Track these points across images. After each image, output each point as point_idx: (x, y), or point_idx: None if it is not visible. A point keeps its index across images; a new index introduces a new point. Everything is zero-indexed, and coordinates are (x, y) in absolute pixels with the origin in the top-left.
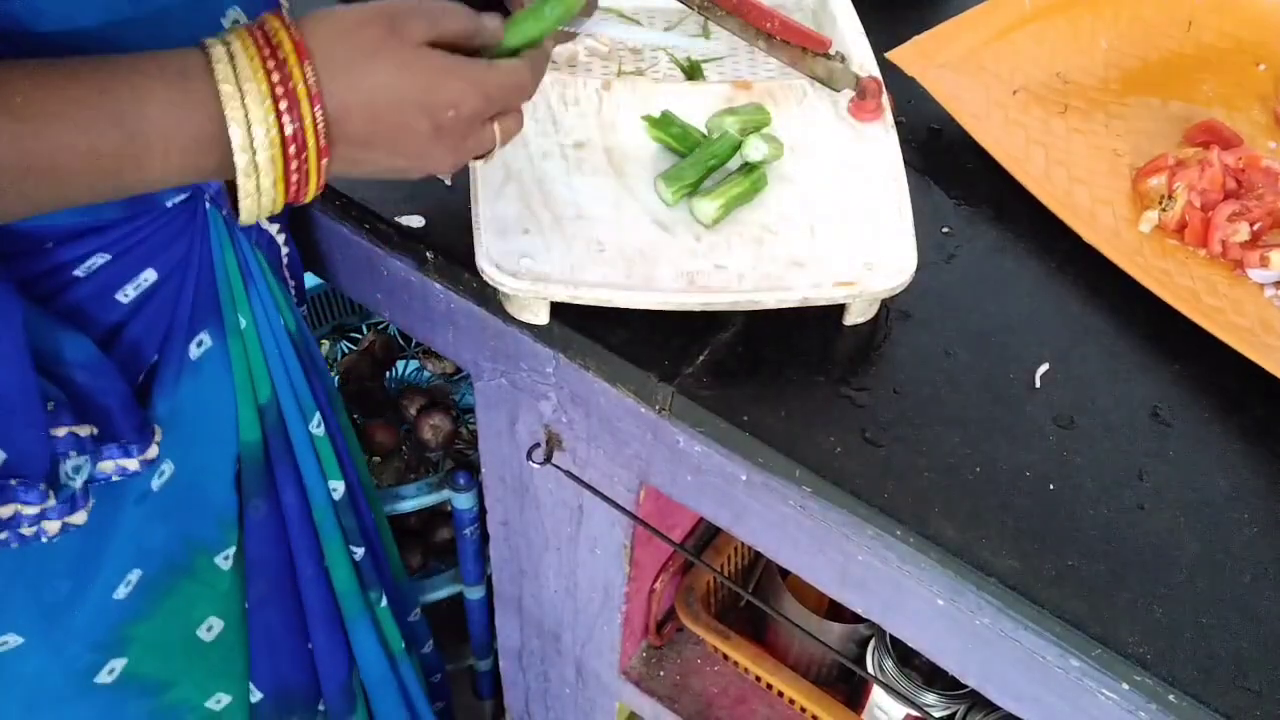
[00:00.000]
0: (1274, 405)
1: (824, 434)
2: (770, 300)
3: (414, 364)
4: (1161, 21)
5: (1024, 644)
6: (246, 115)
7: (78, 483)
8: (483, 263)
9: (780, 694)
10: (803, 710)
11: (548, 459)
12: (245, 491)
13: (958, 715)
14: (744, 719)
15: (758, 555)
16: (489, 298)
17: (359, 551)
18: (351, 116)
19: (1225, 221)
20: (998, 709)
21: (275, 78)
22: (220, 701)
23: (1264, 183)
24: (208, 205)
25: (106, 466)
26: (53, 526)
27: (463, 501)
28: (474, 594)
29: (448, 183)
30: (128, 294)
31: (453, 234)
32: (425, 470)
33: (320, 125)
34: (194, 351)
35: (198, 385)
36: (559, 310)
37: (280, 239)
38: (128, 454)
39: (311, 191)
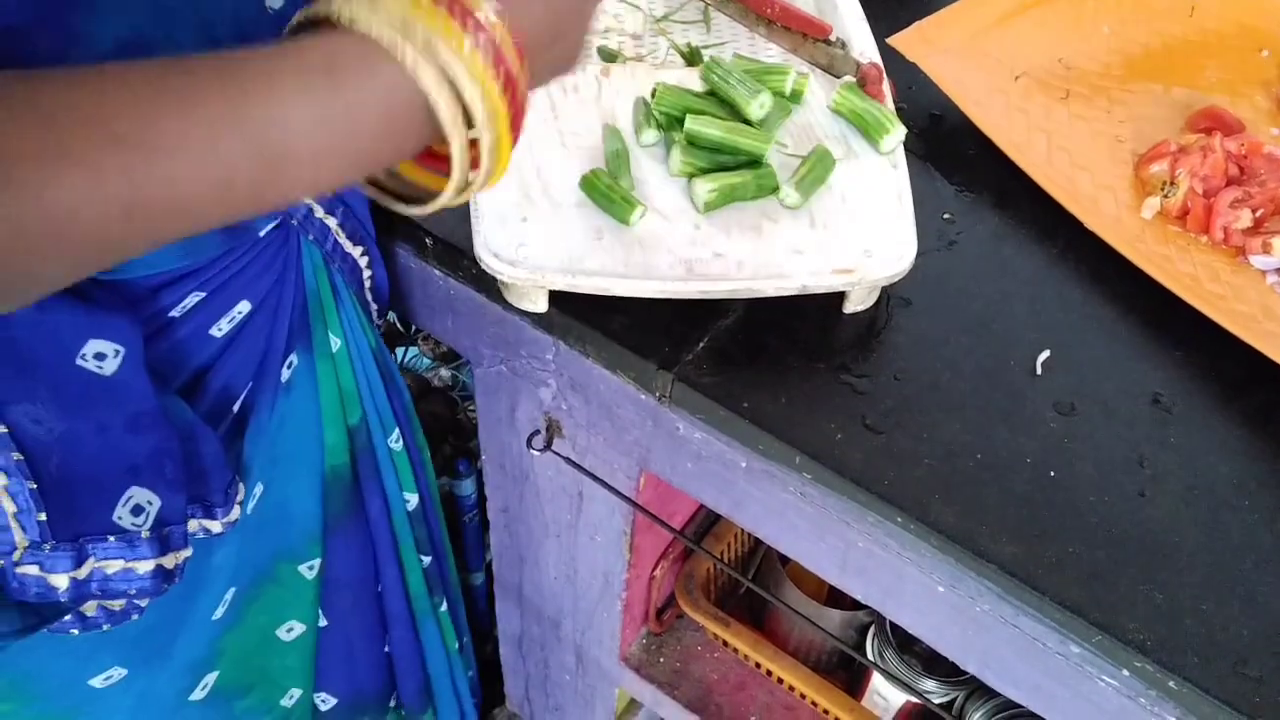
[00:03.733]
0: (1275, 392)
1: (824, 421)
2: (769, 288)
3: (414, 350)
4: (1164, 7)
5: (1024, 630)
6: (453, 85)
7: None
8: (481, 251)
9: (780, 681)
10: (802, 697)
11: (547, 446)
12: (331, 511)
13: (957, 702)
14: (744, 705)
15: (757, 542)
16: (488, 285)
17: (427, 560)
18: (539, 26)
19: (1227, 208)
20: (997, 695)
21: (467, 28)
22: (292, 698)
23: (1266, 169)
24: (297, 229)
25: (190, 525)
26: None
27: (462, 488)
28: (473, 581)
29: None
30: (222, 328)
31: (452, 221)
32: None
33: (517, 56)
34: (284, 374)
35: (289, 405)
36: (558, 298)
37: (363, 261)
38: (211, 515)
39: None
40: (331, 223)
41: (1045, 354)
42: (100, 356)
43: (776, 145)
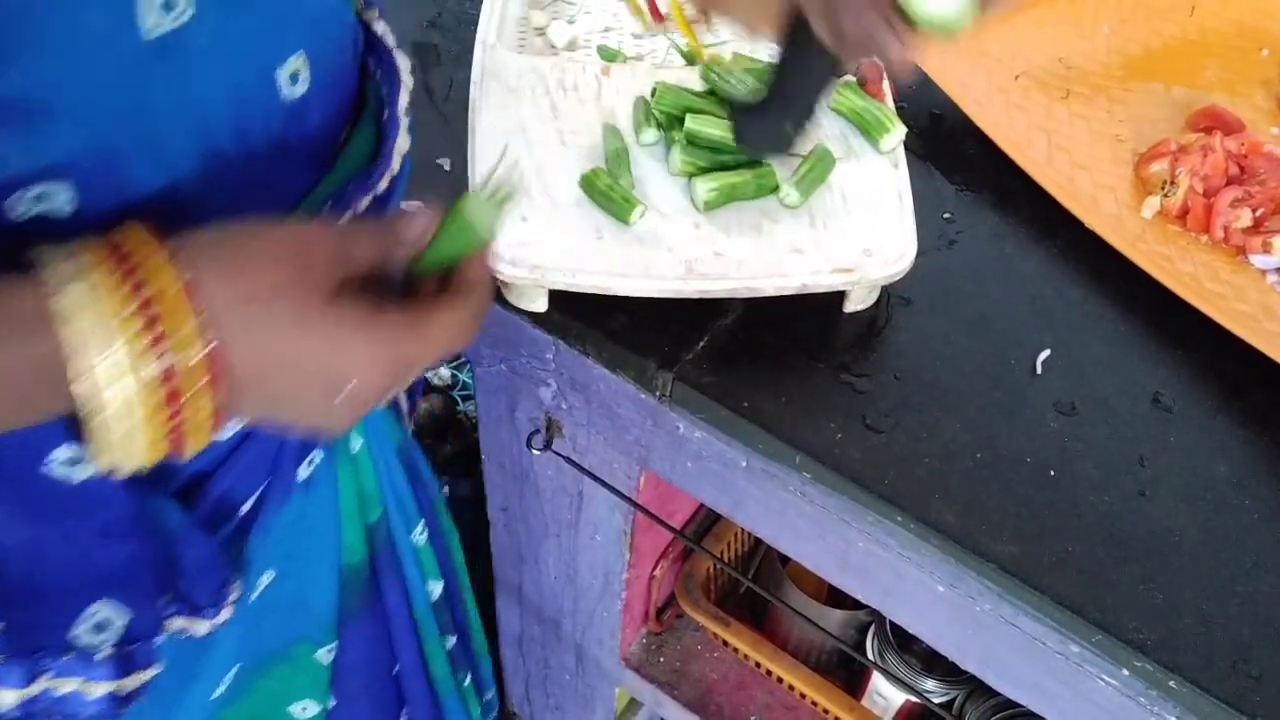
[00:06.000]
0: (1275, 392)
1: (824, 420)
2: (769, 287)
3: None
4: (1164, 6)
5: (1024, 630)
6: (108, 358)
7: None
8: None
9: (780, 680)
10: (802, 696)
11: (547, 445)
12: (347, 604)
13: (957, 701)
14: (744, 705)
15: (757, 542)
16: None
17: (451, 640)
18: (235, 375)
19: (1227, 207)
20: (997, 695)
21: (145, 319)
22: None
23: (1266, 168)
24: None
25: (171, 625)
26: (97, 689)
27: (462, 488)
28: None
29: None
30: (225, 432)
31: None
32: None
33: (206, 374)
34: (303, 472)
35: (306, 502)
36: (558, 297)
37: None
38: (199, 616)
39: (193, 446)
40: None
41: (1045, 353)
42: (72, 462)
43: None
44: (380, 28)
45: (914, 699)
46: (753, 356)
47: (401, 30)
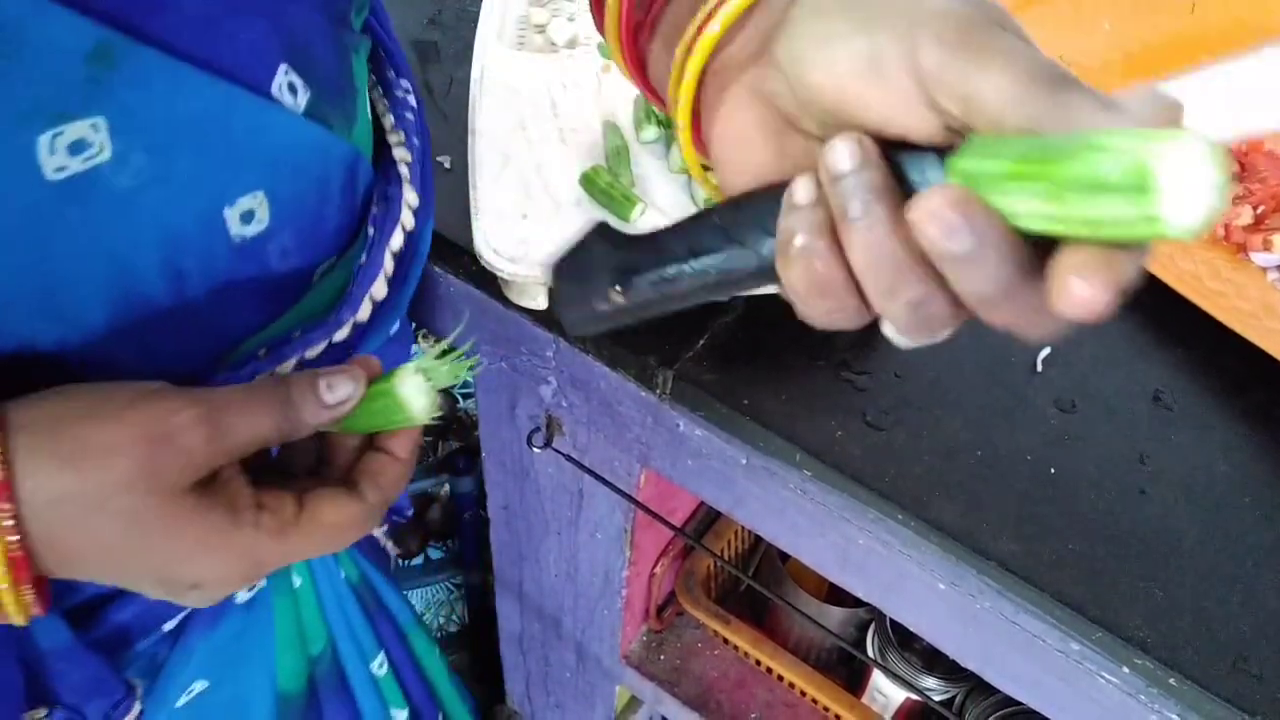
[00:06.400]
0: (1276, 390)
1: (825, 418)
2: (770, 285)
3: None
4: (1164, 3)
5: (1024, 627)
6: None
7: None
8: (481, 248)
9: (780, 678)
10: (803, 694)
11: (548, 443)
12: None
13: (958, 699)
14: (744, 703)
15: (758, 539)
16: (488, 282)
17: None
18: (63, 564)
19: (1228, 205)
20: (998, 693)
21: None
22: None
23: (1267, 166)
24: None
25: None
26: None
27: (462, 485)
28: (473, 578)
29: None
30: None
31: (451, 218)
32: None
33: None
34: (243, 595)
35: (248, 620)
36: None
37: None
38: None
39: (18, 622)
40: None
41: (1045, 351)
42: None
43: None
44: (400, 154)
45: (914, 697)
46: (753, 354)
47: (402, 29)
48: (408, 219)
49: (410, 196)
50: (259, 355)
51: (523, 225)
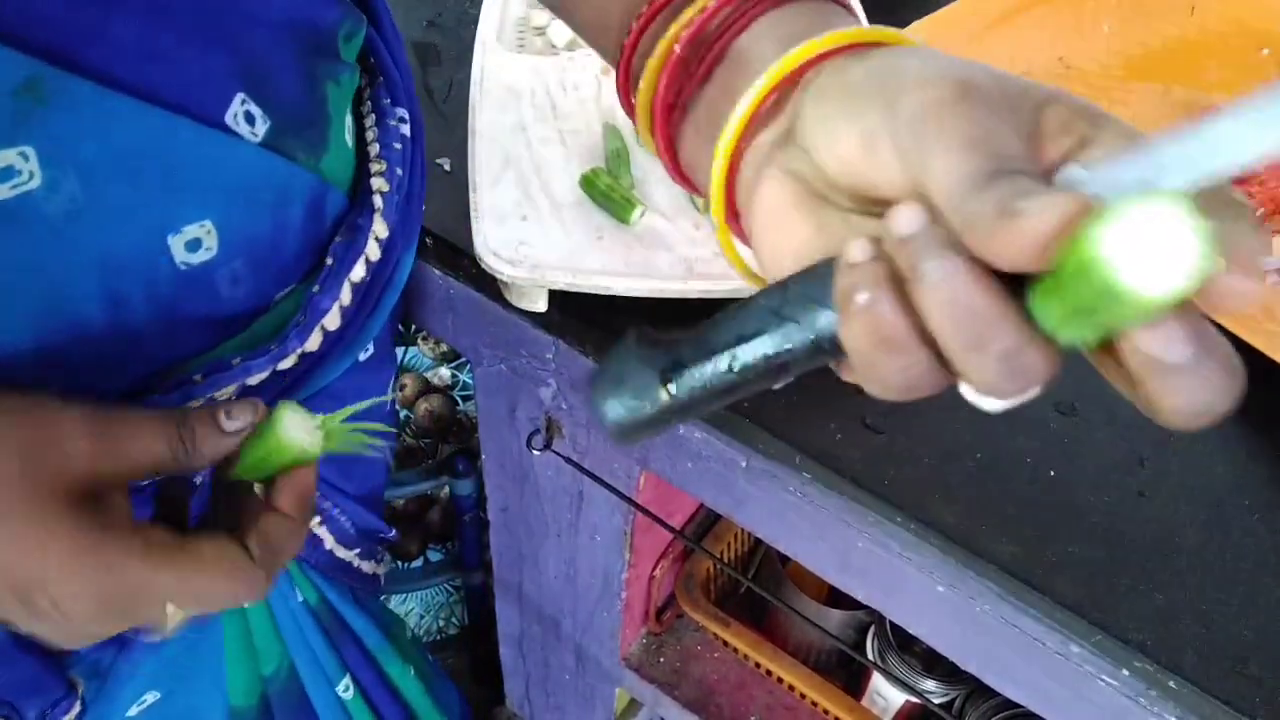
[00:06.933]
0: (1276, 392)
1: (824, 421)
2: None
3: (414, 350)
4: (1164, 6)
5: (1024, 630)
6: None
7: None
8: (481, 250)
9: (780, 680)
10: (802, 697)
11: (547, 445)
12: None
13: (957, 702)
14: (744, 705)
15: (757, 542)
16: (488, 284)
17: None
18: None
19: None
20: (997, 695)
21: None
22: None
23: (1266, 169)
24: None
25: None
26: None
27: (462, 488)
28: (472, 580)
29: None
30: None
31: (451, 220)
32: (422, 456)
33: None
34: None
35: (199, 637)
36: (558, 297)
37: (316, 525)
38: None
39: None
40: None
41: None
42: None
43: None
44: (377, 183)
45: (914, 699)
46: None
47: (402, 31)
48: (373, 250)
49: (379, 228)
50: (195, 380)
51: (522, 227)
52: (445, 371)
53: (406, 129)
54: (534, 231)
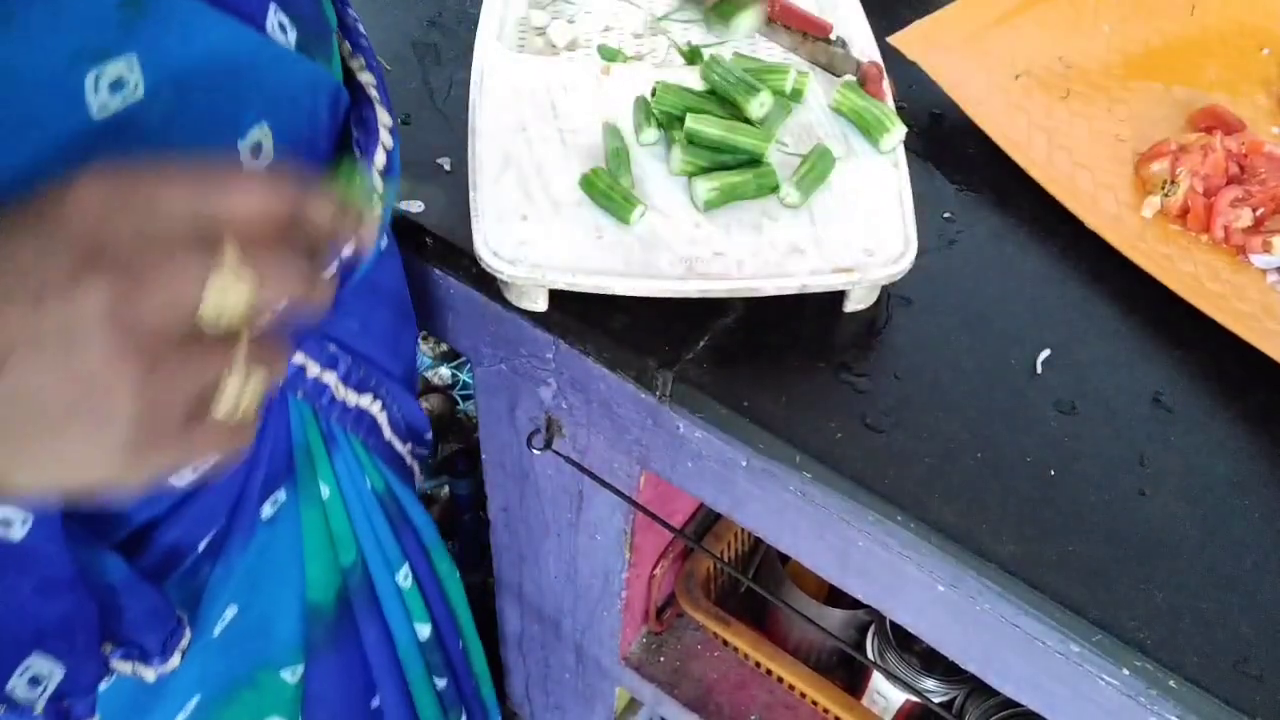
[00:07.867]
0: (1276, 391)
1: (824, 420)
2: (769, 287)
3: None
4: (1164, 5)
5: (1024, 629)
6: None
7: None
8: (481, 250)
9: (780, 680)
10: (803, 696)
11: (547, 445)
12: (315, 636)
13: (957, 701)
14: (744, 705)
15: (758, 541)
16: (488, 284)
17: (441, 682)
18: None
19: (1228, 207)
20: (997, 694)
21: None
22: None
23: (1267, 168)
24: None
25: (121, 668)
26: None
27: (462, 487)
28: (472, 579)
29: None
30: (176, 482)
31: (451, 220)
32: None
33: None
34: (267, 511)
35: (270, 539)
36: (558, 297)
37: (375, 407)
38: (147, 663)
39: None
40: (330, 378)
41: (1046, 353)
42: (7, 523)
43: (777, 144)
44: (365, 78)
45: (914, 698)
46: (753, 356)
47: (402, 31)
48: (386, 138)
49: (384, 116)
50: None
51: (523, 227)
52: (445, 371)
53: (362, 28)
54: (534, 231)
